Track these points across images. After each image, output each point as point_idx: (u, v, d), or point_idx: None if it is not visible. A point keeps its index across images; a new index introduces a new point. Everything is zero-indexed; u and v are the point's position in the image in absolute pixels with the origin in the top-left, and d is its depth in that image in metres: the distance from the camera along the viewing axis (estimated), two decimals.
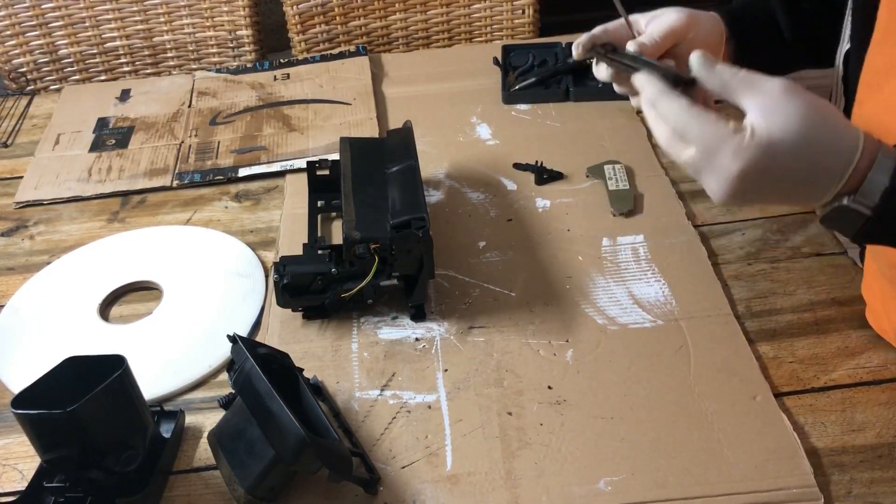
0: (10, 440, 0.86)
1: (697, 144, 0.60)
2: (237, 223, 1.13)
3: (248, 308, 0.99)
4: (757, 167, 0.57)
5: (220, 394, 0.85)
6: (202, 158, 1.25)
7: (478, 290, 0.99)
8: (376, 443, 0.83)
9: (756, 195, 0.60)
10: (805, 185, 0.59)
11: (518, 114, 1.30)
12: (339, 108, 1.34)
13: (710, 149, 0.58)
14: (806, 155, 0.57)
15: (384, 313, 0.97)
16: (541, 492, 0.77)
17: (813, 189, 0.60)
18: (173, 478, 0.81)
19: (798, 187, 0.59)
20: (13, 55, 1.61)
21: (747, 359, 0.87)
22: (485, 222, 1.09)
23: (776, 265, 0.99)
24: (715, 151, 0.58)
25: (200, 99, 1.39)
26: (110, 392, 0.73)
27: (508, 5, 1.65)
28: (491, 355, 0.91)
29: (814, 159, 0.58)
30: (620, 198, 1.10)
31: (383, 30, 1.67)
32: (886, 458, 0.78)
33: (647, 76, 0.66)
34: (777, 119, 0.57)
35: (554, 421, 0.83)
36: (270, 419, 0.72)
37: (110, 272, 1.06)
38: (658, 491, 0.76)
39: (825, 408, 0.83)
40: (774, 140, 0.57)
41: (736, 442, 0.79)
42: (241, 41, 1.65)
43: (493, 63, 1.40)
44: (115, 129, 1.33)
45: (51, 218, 1.17)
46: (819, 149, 0.57)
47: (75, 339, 0.97)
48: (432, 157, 1.21)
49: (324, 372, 0.90)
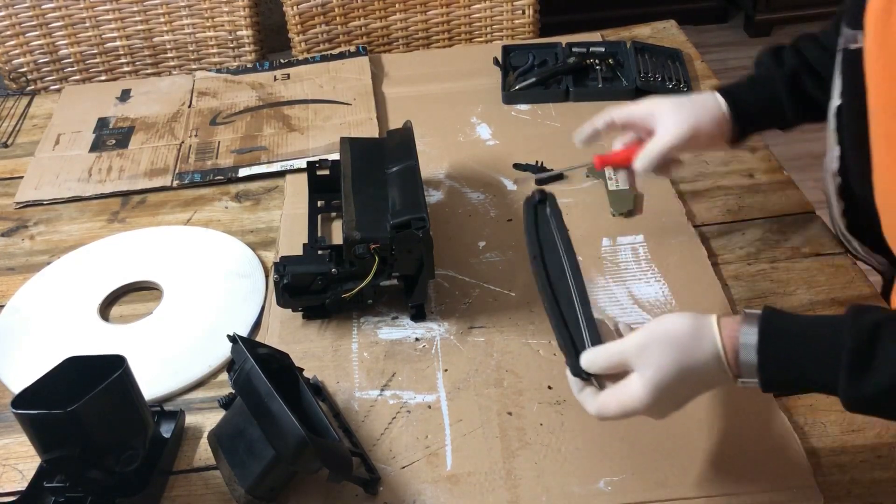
0: (10, 440, 0.86)
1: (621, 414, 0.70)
2: (237, 223, 1.13)
3: (248, 308, 0.99)
4: (654, 407, 0.68)
5: (220, 394, 0.85)
6: (202, 158, 1.25)
7: (478, 290, 0.99)
8: (376, 443, 0.83)
9: (675, 408, 0.70)
10: (703, 389, 0.69)
11: (518, 114, 1.30)
12: (339, 109, 1.34)
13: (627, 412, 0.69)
14: (685, 381, 0.67)
15: (384, 313, 0.97)
16: (541, 492, 0.77)
17: (714, 386, 0.70)
18: (173, 478, 0.81)
19: (698, 392, 0.69)
20: (13, 55, 1.61)
21: None
22: (485, 222, 1.09)
23: (776, 265, 0.99)
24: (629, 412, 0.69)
25: (200, 99, 1.39)
26: (110, 392, 0.73)
27: (508, 5, 1.65)
28: (491, 355, 0.91)
29: (693, 380, 0.68)
30: (620, 198, 1.10)
31: (383, 30, 1.67)
32: (886, 458, 0.78)
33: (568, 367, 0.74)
34: (647, 374, 0.67)
35: (554, 421, 0.83)
36: (270, 419, 0.72)
37: (110, 272, 1.06)
38: (658, 491, 0.76)
39: (825, 408, 0.83)
40: (653, 389, 0.67)
41: (736, 442, 0.79)
42: (241, 41, 1.65)
43: (493, 63, 1.40)
44: (115, 129, 1.33)
45: (51, 218, 1.17)
46: (690, 372, 0.67)
47: (75, 339, 0.97)
48: (432, 157, 1.21)
49: (324, 372, 0.90)
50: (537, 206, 0.81)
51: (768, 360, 0.64)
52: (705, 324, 0.67)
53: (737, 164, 1.16)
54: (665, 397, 0.68)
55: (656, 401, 0.68)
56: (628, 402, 0.68)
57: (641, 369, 0.68)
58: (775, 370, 0.65)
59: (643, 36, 1.47)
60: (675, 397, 0.69)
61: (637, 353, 0.68)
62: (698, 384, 0.69)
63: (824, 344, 0.63)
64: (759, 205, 1.09)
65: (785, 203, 1.09)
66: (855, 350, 0.61)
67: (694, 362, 0.67)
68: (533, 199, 0.81)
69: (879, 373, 0.60)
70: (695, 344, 0.67)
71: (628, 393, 0.68)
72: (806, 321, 0.65)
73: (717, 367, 0.66)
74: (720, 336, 0.66)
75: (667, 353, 0.67)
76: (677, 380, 0.67)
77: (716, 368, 0.66)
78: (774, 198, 1.10)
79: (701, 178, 1.15)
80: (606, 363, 0.70)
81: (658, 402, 0.68)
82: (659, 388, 0.67)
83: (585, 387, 0.72)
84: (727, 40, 3.06)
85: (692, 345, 0.67)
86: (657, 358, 0.67)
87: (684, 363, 0.67)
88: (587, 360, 0.71)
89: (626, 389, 0.69)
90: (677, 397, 0.69)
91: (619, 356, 0.69)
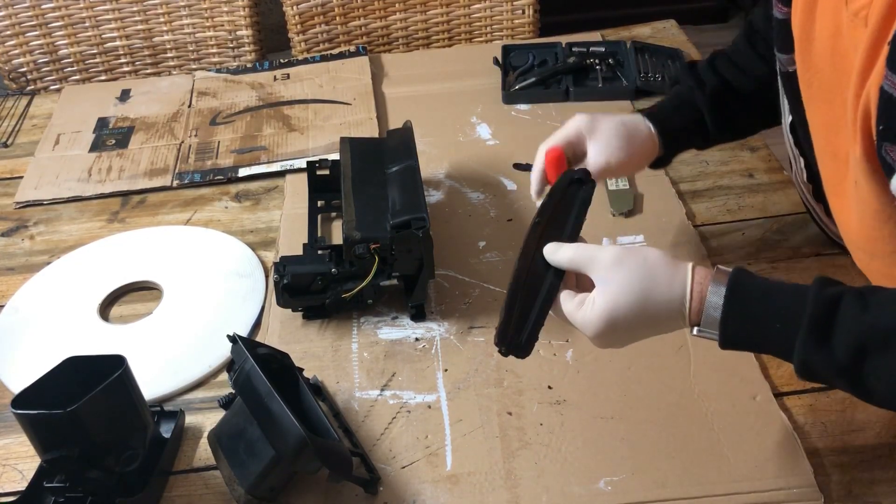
0: (10, 440, 0.86)
1: (569, 321, 0.71)
2: (237, 223, 1.13)
3: (248, 308, 0.99)
4: (603, 330, 0.68)
5: (220, 394, 0.85)
6: (202, 158, 1.25)
7: (478, 290, 0.99)
8: (376, 443, 0.83)
9: (619, 342, 0.71)
10: (654, 329, 0.69)
11: (518, 114, 1.30)
12: (339, 108, 1.34)
13: (574, 323, 0.70)
14: (642, 311, 0.67)
15: (384, 313, 0.97)
16: (541, 492, 0.77)
17: (663, 328, 0.69)
18: (173, 478, 0.81)
19: (648, 331, 0.70)
20: (13, 55, 1.61)
21: (747, 359, 0.87)
22: (485, 222, 1.09)
23: (776, 265, 0.99)
24: (575, 324, 0.70)
25: (200, 99, 1.39)
26: (110, 392, 0.73)
27: (508, 5, 1.65)
28: (491, 355, 0.91)
29: (650, 312, 0.67)
30: (620, 198, 1.10)
31: (383, 30, 1.67)
32: (886, 458, 0.78)
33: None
34: (610, 288, 0.67)
35: (554, 421, 0.83)
36: (270, 419, 0.72)
37: (110, 272, 1.06)
38: (658, 491, 0.76)
39: (825, 408, 0.83)
40: (610, 308, 0.67)
41: (736, 442, 0.79)
42: (241, 41, 1.64)
43: (493, 63, 1.40)
44: (115, 129, 1.33)
45: (51, 218, 1.17)
46: (652, 303, 0.67)
47: (75, 339, 0.97)
48: (432, 157, 1.21)
49: (324, 372, 0.90)
50: (571, 185, 0.76)
51: (732, 315, 0.65)
52: (680, 266, 0.68)
53: (737, 164, 1.16)
54: (615, 322, 0.67)
55: (606, 322, 0.67)
56: (580, 316, 0.69)
57: (605, 284, 0.68)
58: (737, 326, 0.65)
59: (643, 36, 1.47)
60: (626, 327, 0.68)
61: (607, 265, 0.68)
62: (653, 321, 0.68)
63: (787, 308, 0.64)
64: (759, 205, 1.09)
65: (785, 203, 1.09)
66: (814, 316, 0.62)
67: (658, 296, 0.67)
68: (572, 175, 0.77)
69: (835, 341, 0.62)
70: (665, 279, 0.67)
71: (585, 307, 0.68)
72: (773, 285, 0.66)
73: (678, 311, 0.67)
74: (691, 281, 0.67)
75: (636, 276, 0.67)
76: (636, 307, 0.67)
77: (676, 311, 0.67)
78: (774, 198, 1.10)
79: (701, 178, 1.15)
80: (573, 257, 0.70)
81: (608, 324, 0.67)
82: (615, 308, 0.67)
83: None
84: (727, 40, 3.02)
85: (662, 280, 0.67)
86: (625, 276, 0.67)
87: (648, 294, 0.67)
88: (553, 248, 0.71)
89: (582, 300, 0.69)
90: (627, 327, 0.68)
91: (588, 258, 0.69)
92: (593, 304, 0.68)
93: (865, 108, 0.65)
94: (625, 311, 0.67)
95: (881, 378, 0.61)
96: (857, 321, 0.62)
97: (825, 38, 0.73)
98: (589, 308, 0.68)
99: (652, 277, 0.67)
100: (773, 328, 0.65)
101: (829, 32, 0.72)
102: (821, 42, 0.74)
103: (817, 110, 0.79)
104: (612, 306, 0.67)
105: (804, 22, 0.76)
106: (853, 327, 0.61)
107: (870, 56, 0.64)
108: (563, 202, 0.76)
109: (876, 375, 0.61)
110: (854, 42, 0.67)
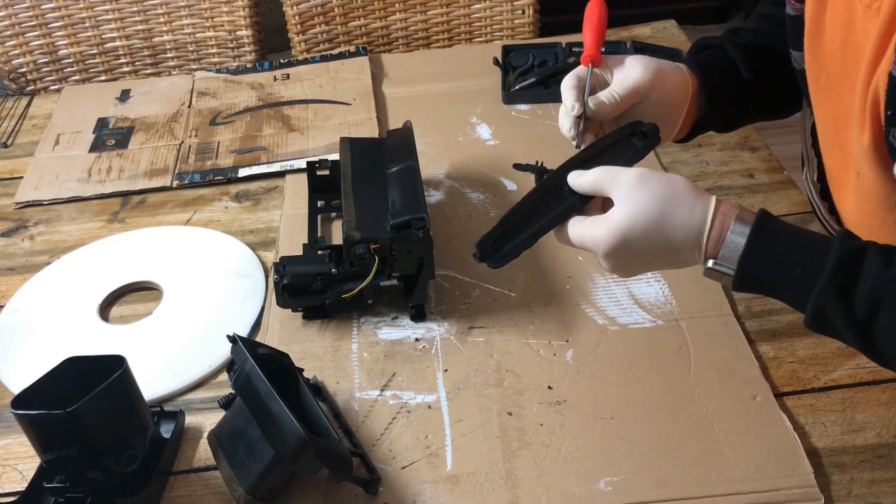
0: (10, 440, 0.86)
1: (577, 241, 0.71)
2: (237, 223, 1.13)
3: (248, 308, 0.99)
4: (616, 247, 0.67)
5: (220, 394, 0.85)
6: (202, 159, 1.25)
7: (478, 290, 0.99)
8: (376, 443, 0.83)
9: (630, 267, 0.70)
10: (666, 256, 0.68)
11: (518, 114, 1.30)
12: (339, 109, 1.34)
13: (584, 243, 0.69)
14: (658, 233, 0.66)
15: (384, 313, 0.97)
16: (541, 492, 0.77)
17: (676, 258, 0.68)
18: (173, 478, 0.81)
19: (661, 258, 0.68)
20: (13, 55, 1.61)
21: (747, 359, 0.87)
22: (485, 222, 1.09)
23: None
24: (585, 244, 0.69)
25: (200, 99, 1.39)
26: (110, 392, 0.73)
27: (508, 5, 1.65)
28: (491, 355, 0.91)
29: (666, 235, 0.66)
30: None
31: (383, 30, 1.67)
32: (886, 458, 0.78)
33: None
34: (630, 205, 0.66)
35: (554, 421, 0.83)
36: (270, 419, 0.72)
37: (110, 272, 1.06)
38: (658, 491, 0.76)
39: (825, 408, 0.83)
40: (626, 225, 0.66)
41: (736, 442, 0.79)
42: (241, 41, 1.65)
43: (493, 63, 1.40)
44: (115, 129, 1.33)
45: (51, 218, 1.17)
46: (669, 226, 0.66)
47: (75, 339, 0.97)
48: (432, 157, 1.21)
49: (324, 372, 0.90)
50: (634, 136, 0.74)
51: (754, 252, 0.64)
52: (704, 195, 0.67)
53: (737, 163, 1.16)
54: (629, 240, 0.66)
55: (620, 239, 0.66)
56: (591, 232, 0.68)
57: (625, 201, 0.66)
58: (757, 264, 0.65)
59: (643, 36, 1.47)
60: (638, 248, 0.67)
61: (629, 184, 0.67)
62: (666, 246, 0.67)
63: (812, 252, 0.64)
64: (759, 205, 1.09)
65: (785, 203, 1.09)
66: (839, 262, 0.62)
67: (677, 219, 0.66)
68: (639, 127, 0.74)
69: (856, 290, 0.61)
70: (687, 204, 0.66)
71: (599, 223, 0.67)
72: (799, 230, 0.66)
73: (695, 239, 0.66)
74: (714, 211, 0.66)
75: (657, 196, 0.66)
76: (653, 227, 0.66)
77: (693, 239, 0.66)
78: (774, 198, 1.10)
79: (701, 178, 1.15)
80: (596, 178, 0.69)
81: (621, 241, 0.66)
82: (632, 225, 0.66)
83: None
84: None
85: (684, 204, 0.66)
86: (646, 195, 0.66)
87: (667, 216, 0.66)
88: (577, 174, 0.70)
89: (598, 219, 0.68)
90: (640, 249, 0.67)
91: (610, 179, 0.68)
92: (608, 220, 0.67)
93: (875, 95, 0.65)
94: (642, 230, 0.66)
95: (889, 336, 0.61)
96: (881, 274, 0.61)
97: (836, 31, 0.73)
98: (603, 224, 0.67)
99: (674, 200, 0.66)
100: (793, 272, 0.64)
101: (842, 25, 0.72)
102: (831, 35, 0.74)
103: (824, 103, 0.78)
104: (629, 222, 0.66)
105: (816, 14, 0.75)
106: (876, 279, 0.61)
107: (881, 44, 0.64)
108: (617, 148, 0.74)
109: (885, 333, 0.61)
110: (867, 33, 0.67)
